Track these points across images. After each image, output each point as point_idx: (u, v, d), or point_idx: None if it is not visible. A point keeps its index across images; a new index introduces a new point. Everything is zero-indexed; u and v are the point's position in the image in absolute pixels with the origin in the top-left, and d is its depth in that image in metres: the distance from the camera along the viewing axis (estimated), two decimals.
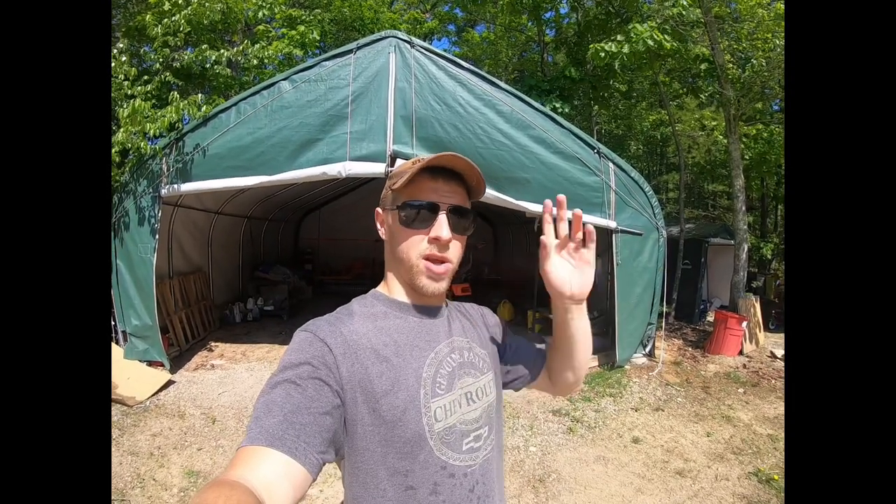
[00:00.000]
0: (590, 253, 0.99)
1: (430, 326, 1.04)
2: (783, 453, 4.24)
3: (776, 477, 3.79)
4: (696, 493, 3.62)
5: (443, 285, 1.01)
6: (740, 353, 7.33)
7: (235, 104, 5.60)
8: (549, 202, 0.99)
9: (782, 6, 8.44)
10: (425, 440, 0.92)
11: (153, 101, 5.65)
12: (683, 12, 8.23)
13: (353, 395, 0.88)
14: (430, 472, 0.92)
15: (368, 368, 0.91)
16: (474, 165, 0.99)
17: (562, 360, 1.14)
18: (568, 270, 1.00)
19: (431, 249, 0.98)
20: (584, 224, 0.97)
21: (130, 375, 5.16)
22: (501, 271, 12.72)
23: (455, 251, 1.02)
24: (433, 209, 0.98)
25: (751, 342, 7.60)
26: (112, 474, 3.66)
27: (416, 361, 0.97)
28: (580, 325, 1.07)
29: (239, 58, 7.12)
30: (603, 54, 7.87)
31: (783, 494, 3.57)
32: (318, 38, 10.33)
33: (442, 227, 0.97)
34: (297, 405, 0.80)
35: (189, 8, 6.71)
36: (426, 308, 1.06)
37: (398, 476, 0.90)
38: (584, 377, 1.20)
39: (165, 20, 6.48)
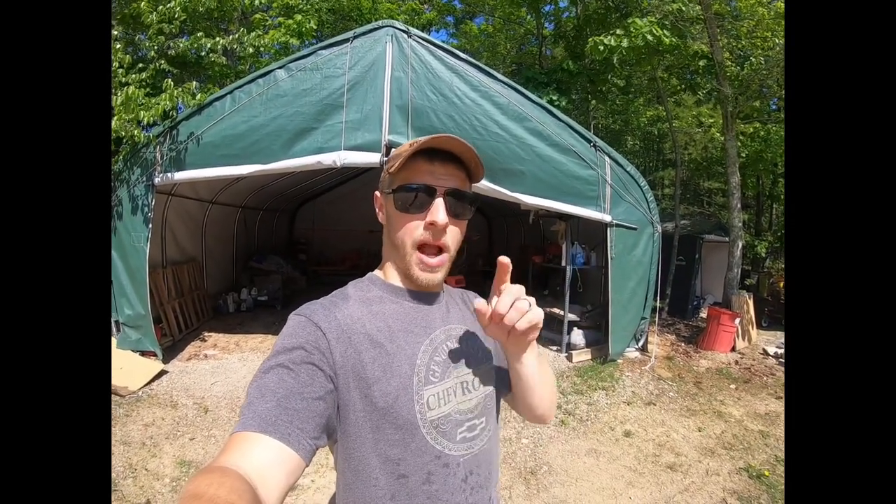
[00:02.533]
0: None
1: (427, 313, 1.02)
2: (774, 449, 4.27)
3: (766, 472, 3.82)
4: (686, 487, 3.64)
5: (438, 276, 0.99)
6: (733, 349, 7.36)
7: (230, 92, 5.55)
8: (505, 260, 0.92)
9: (782, 5, 8.44)
10: (417, 428, 0.91)
11: (147, 89, 5.59)
12: (683, 8, 8.21)
13: (346, 381, 0.87)
14: (423, 460, 0.91)
15: (362, 354, 0.89)
16: (471, 147, 0.95)
17: (519, 395, 1.10)
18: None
19: (427, 235, 0.96)
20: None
21: (123, 365, 5.13)
22: (496, 263, 12.74)
23: (453, 237, 0.99)
24: (430, 192, 0.95)
25: (743, 339, 7.63)
26: None
27: (410, 348, 0.95)
28: (530, 371, 1.02)
29: (235, 46, 7.06)
30: (602, 48, 7.84)
31: (773, 490, 3.60)
32: (314, 27, 10.25)
33: (438, 211, 0.94)
34: (290, 390, 0.79)
35: None
36: (423, 294, 1.03)
37: (390, 464, 0.89)
38: (553, 413, 1.15)
39: (161, 7, 6.40)
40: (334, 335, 0.88)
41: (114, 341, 5.53)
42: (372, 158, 5.45)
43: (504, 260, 0.92)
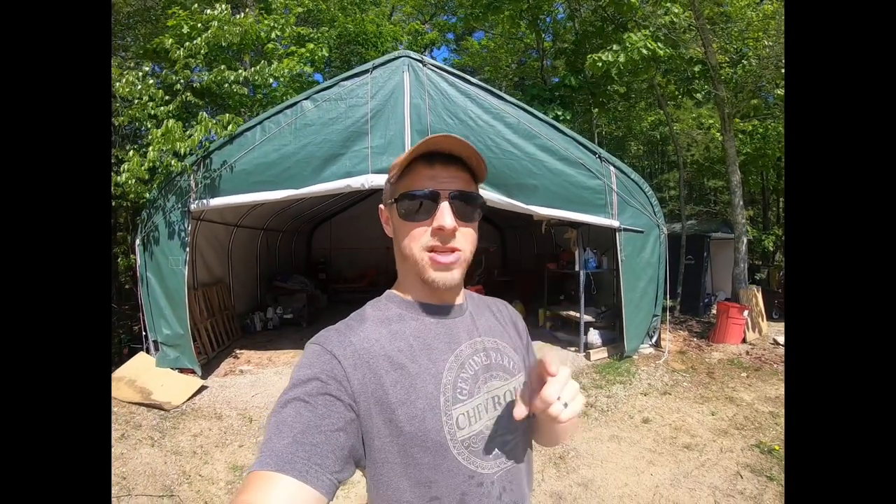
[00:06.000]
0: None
1: (450, 327, 0.97)
2: (783, 427, 4.47)
3: (777, 447, 4.09)
4: (702, 463, 3.93)
5: (455, 275, 0.92)
6: (743, 341, 7.57)
7: (260, 123, 5.92)
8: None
9: (769, 7, 8.78)
10: (447, 449, 0.87)
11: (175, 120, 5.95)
12: (675, 20, 8.53)
13: (368, 408, 0.84)
14: (456, 481, 0.87)
15: (382, 378, 0.85)
16: (470, 145, 0.90)
17: (539, 435, 1.08)
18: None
19: (436, 241, 0.90)
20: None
21: (164, 382, 5.41)
22: (511, 273, 13.04)
23: (465, 240, 0.93)
24: (434, 197, 0.89)
25: (753, 331, 7.83)
26: (158, 473, 3.88)
27: (435, 366, 0.90)
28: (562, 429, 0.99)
29: (255, 77, 7.48)
30: (600, 63, 8.17)
31: (784, 463, 3.83)
32: (326, 54, 10.65)
33: (444, 215, 0.88)
34: (307, 424, 0.77)
35: (209, 31, 7.05)
36: (443, 307, 0.98)
37: (421, 487, 0.86)
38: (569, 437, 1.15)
39: (187, 44, 6.79)
40: (350, 362, 0.84)
41: (153, 360, 5.83)
42: None
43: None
